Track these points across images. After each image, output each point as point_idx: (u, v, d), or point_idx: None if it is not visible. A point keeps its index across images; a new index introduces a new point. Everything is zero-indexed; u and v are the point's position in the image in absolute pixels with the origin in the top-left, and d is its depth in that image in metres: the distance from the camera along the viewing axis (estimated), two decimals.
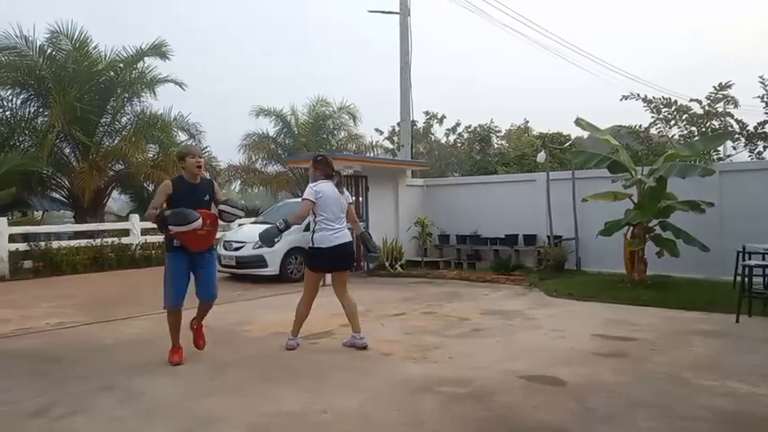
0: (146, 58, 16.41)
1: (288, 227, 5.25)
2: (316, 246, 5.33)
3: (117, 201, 21.37)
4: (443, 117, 25.06)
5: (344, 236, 5.39)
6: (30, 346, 5.83)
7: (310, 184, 5.48)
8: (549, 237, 10.68)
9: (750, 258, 7.70)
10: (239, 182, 22.10)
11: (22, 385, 4.49)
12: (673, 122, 13.59)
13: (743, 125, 13.19)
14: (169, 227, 4.71)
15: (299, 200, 5.85)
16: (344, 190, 5.58)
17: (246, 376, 4.65)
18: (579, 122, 9.44)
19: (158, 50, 16.34)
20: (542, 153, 11.96)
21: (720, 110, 13.14)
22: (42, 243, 12.35)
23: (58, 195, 17.07)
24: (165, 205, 4.88)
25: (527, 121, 25.30)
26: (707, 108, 13.10)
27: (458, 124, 24.55)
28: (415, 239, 12.00)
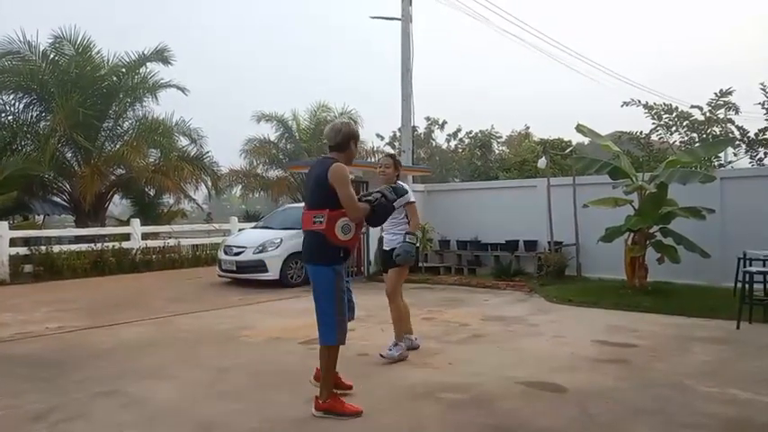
0: (148, 63, 16.50)
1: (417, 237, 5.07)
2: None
3: (118, 205, 21.42)
4: (444, 122, 25.19)
5: None
6: (30, 351, 5.83)
7: (404, 186, 4.96)
8: (549, 243, 10.67)
9: (751, 265, 7.69)
10: (240, 186, 22.16)
11: (22, 390, 4.49)
12: (674, 129, 13.63)
13: (744, 131, 13.20)
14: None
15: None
16: None
17: (247, 381, 4.65)
18: (580, 128, 9.45)
19: (161, 55, 16.44)
20: (543, 159, 11.98)
21: (721, 116, 13.17)
22: (43, 247, 12.36)
23: (59, 199, 17.12)
24: None
25: (528, 127, 25.42)
26: (708, 114, 13.13)
27: (459, 130, 24.67)
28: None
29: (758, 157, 13.24)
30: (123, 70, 16.18)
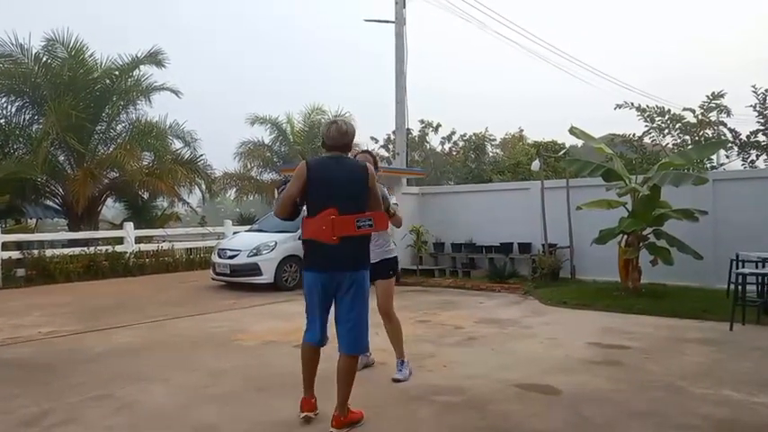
0: (141, 66, 16.45)
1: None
2: None
3: (111, 209, 21.31)
4: (439, 125, 25.17)
5: None
6: (22, 355, 5.79)
7: (386, 191, 4.61)
8: (543, 245, 10.70)
9: (743, 266, 7.73)
10: (234, 189, 22.11)
11: (14, 394, 4.45)
12: (666, 131, 13.70)
13: (736, 134, 13.28)
14: None
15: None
16: None
17: (240, 385, 4.63)
18: (573, 131, 9.48)
19: (154, 58, 16.39)
20: (537, 161, 11.99)
21: (713, 119, 13.24)
22: (36, 251, 12.28)
23: (52, 203, 17.02)
24: None
25: (521, 130, 25.43)
26: (700, 117, 13.20)
27: (453, 133, 24.66)
28: (410, 247, 11.99)
29: (750, 159, 13.33)
30: (116, 73, 16.11)
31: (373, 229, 3.64)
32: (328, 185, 3.59)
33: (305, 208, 3.70)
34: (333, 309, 3.74)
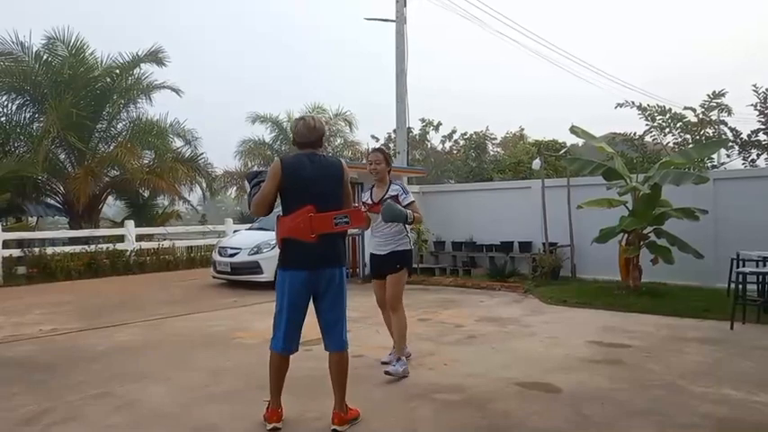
0: (142, 65, 16.45)
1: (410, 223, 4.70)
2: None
3: (112, 207, 21.35)
4: (439, 124, 25.15)
5: None
6: (23, 353, 5.79)
7: (405, 186, 5.01)
8: (544, 244, 10.70)
9: (744, 265, 7.72)
10: (235, 188, 22.14)
11: (14, 392, 4.46)
12: (667, 130, 13.70)
13: (736, 133, 13.29)
14: None
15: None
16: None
17: (241, 383, 4.63)
18: (574, 130, 9.48)
19: (155, 57, 16.39)
20: (537, 160, 12.00)
21: (714, 118, 13.25)
22: (36, 249, 12.29)
23: (52, 201, 17.05)
24: None
25: (522, 129, 25.42)
26: (701, 116, 13.21)
27: (453, 131, 24.63)
28: None
29: (751, 158, 13.34)
30: (117, 71, 16.11)
31: (350, 225, 3.59)
32: (304, 183, 3.52)
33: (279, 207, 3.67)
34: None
